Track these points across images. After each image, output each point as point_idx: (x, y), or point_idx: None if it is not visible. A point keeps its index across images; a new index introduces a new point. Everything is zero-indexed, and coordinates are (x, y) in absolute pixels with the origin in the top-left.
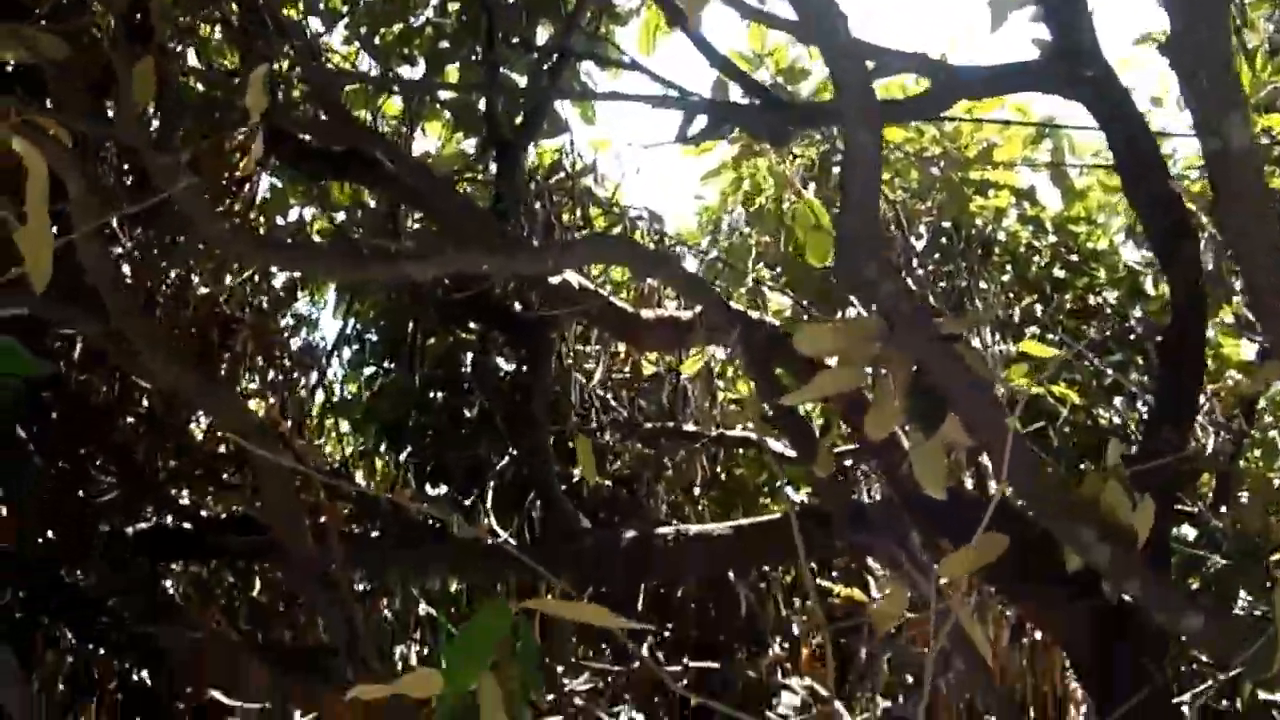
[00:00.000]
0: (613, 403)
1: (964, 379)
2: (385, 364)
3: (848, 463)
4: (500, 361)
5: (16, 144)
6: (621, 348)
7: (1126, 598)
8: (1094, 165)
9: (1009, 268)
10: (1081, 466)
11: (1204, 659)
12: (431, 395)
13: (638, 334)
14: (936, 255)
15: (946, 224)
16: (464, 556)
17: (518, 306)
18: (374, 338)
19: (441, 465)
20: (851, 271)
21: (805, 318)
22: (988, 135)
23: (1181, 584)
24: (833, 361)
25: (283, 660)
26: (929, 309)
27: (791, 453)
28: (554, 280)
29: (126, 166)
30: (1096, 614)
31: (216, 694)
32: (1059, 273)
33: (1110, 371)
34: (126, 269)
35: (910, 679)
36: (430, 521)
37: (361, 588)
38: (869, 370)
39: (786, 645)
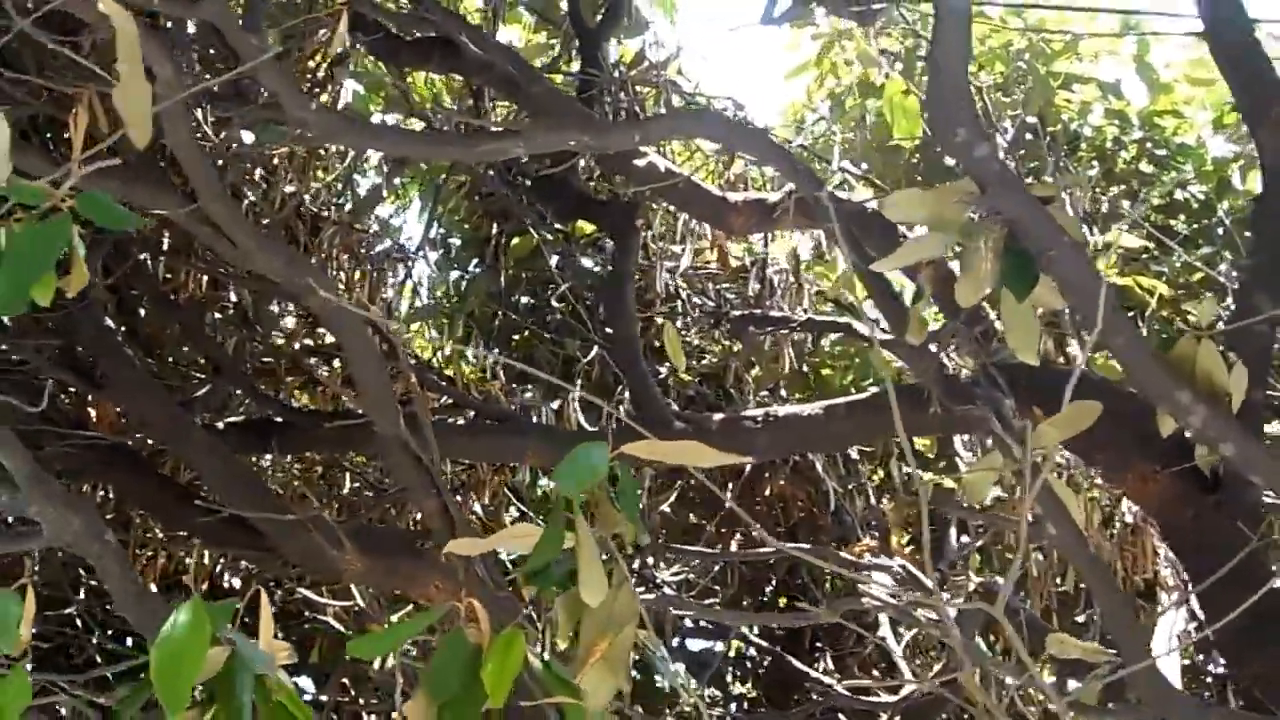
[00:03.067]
0: (699, 294)
1: (1060, 239)
2: (471, 267)
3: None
4: (585, 261)
5: (103, 5)
6: (706, 238)
7: (1219, 469)
8: (1187, 37)
9: (1095, 163)
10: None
11: None
12: (516, 296)
13: (725, 216)
14: (1022, 151)
15: (1032, 119)
16: (555, 442)
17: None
18: (458, 240)
19: (531, 363)
20: (944, 135)
21: None
22: (1073, 27)
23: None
24: (922, 230)
25: (380, 544)
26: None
27: (881, 336)
28: (640, 163)
29: (213, 51)
30: (1189, 483)
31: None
32: (1145, 168)
33: (1199, 265)
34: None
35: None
36: (521, 413)
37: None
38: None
39: (876, 536)
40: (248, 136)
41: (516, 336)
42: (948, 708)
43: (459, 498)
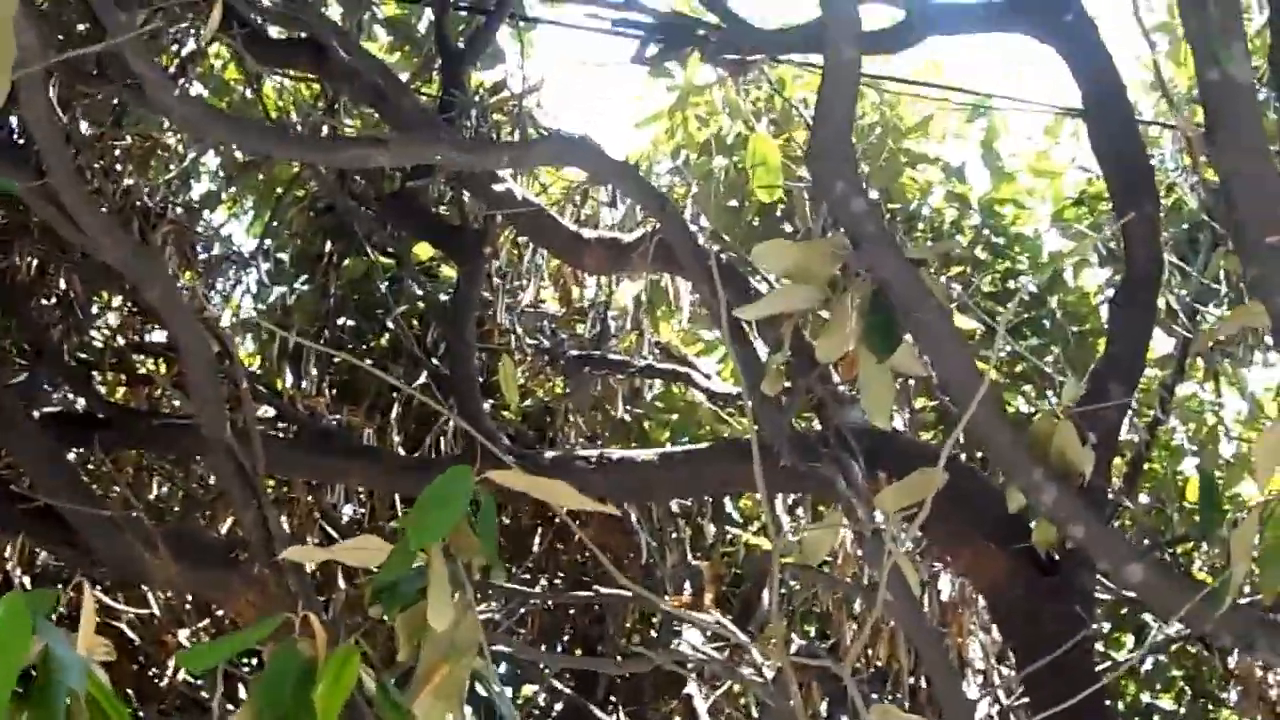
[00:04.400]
0: (534, 332)
1: (928, 302)
2: (299, 283)
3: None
4: (416, 288)
5: None
6: (547, 276)
7: (1053, 553)
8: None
9: (930, 244)
10: None
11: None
12: (344, 317)
13: (579, 253)
14: None
15: (873, 194)
16: (382, 467)
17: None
18: (288, 255)
19: (352, 386)
20: (824, 186)
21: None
22: (924, 108)
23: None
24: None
25: (194, 551)
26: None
27: (720, 389)
28: (499, 188)
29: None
30: (1025, 563)
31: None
32: (981, 254)
33: (1025, 355)
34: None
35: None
36: (343, 433)
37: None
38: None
39: (689, 592)
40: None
41: (338, 359)
42: None
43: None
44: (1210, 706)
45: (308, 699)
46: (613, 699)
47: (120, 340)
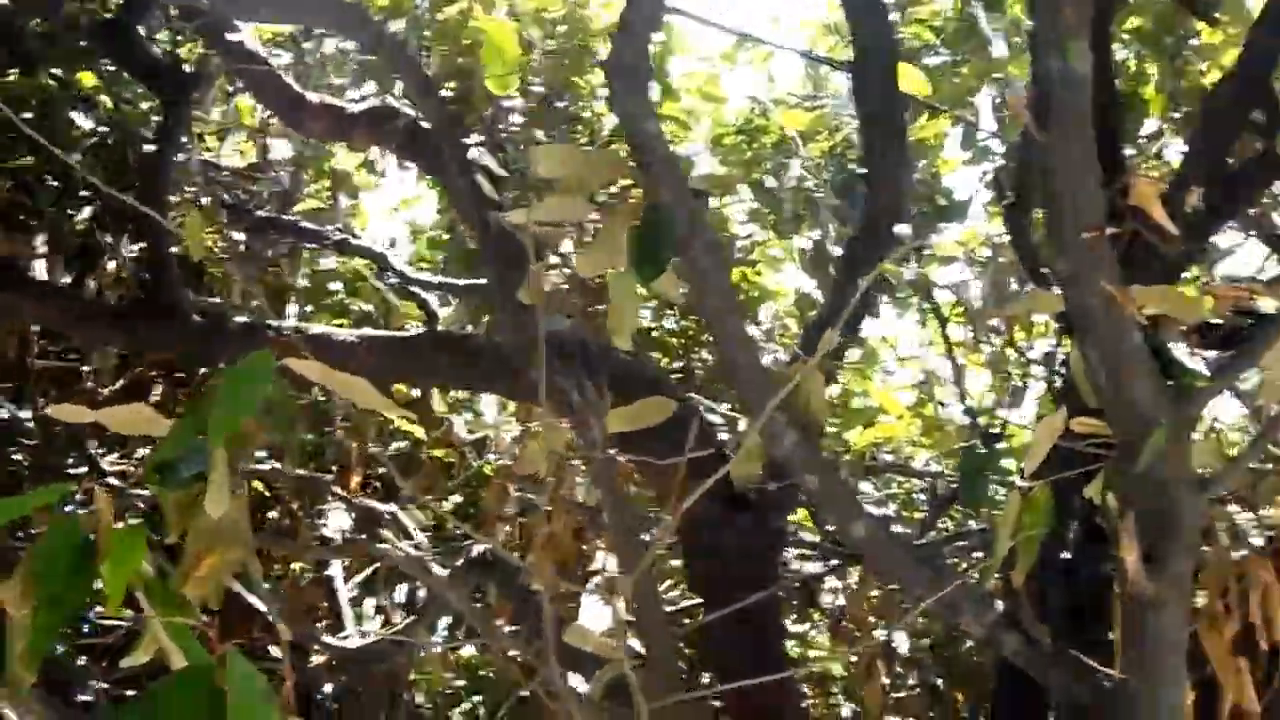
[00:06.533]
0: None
1: (704, 232)
2: None
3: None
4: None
5: None
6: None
7: (749, 494)
8: None
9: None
10: None
11: None
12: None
13: (299, 116)
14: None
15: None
16: (69, 310)
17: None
18: None
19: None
20: (619, 101)
21: None
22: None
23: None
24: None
25: None
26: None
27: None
28: (235, 38)
29: None
30: (721, 501)
31: None
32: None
33: None
34: None
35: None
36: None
37: None
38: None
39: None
40: None
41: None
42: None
43: None
44: None
45: (84, 575)
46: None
47: None
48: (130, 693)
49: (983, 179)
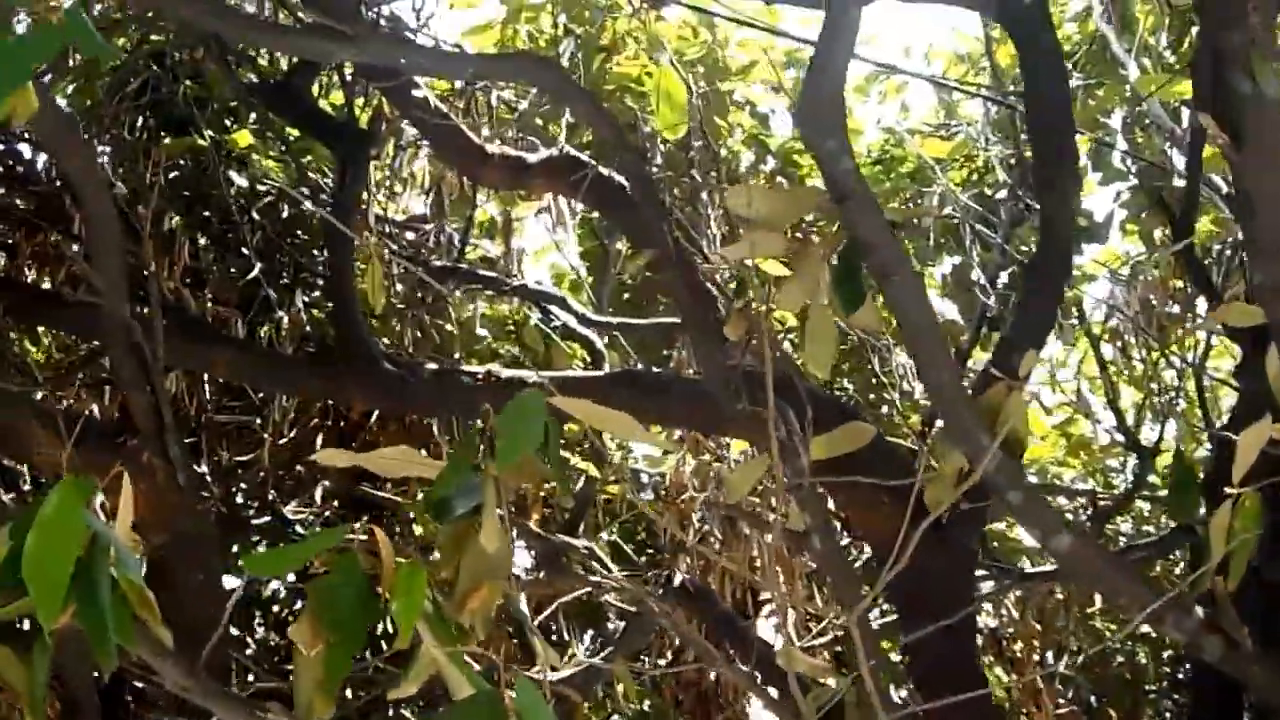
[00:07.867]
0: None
1: (905, 266)
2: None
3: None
4: (237, 177)
5: None
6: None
7: (943, 516)
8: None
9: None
10: None
11: None
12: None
13: (475, 166)
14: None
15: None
16: (265, 361)
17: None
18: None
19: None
20: (813, 140)
21: None
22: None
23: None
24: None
25: (83, 432)
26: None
27: (589, 317)
28: (417, 94)
29: None
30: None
31: None
32: None
33: None
34: None
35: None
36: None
37: None
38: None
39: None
40: None
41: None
42: None
43: None
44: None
45: (366, 611)
46: None
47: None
48: None
49: (1117, 199)
